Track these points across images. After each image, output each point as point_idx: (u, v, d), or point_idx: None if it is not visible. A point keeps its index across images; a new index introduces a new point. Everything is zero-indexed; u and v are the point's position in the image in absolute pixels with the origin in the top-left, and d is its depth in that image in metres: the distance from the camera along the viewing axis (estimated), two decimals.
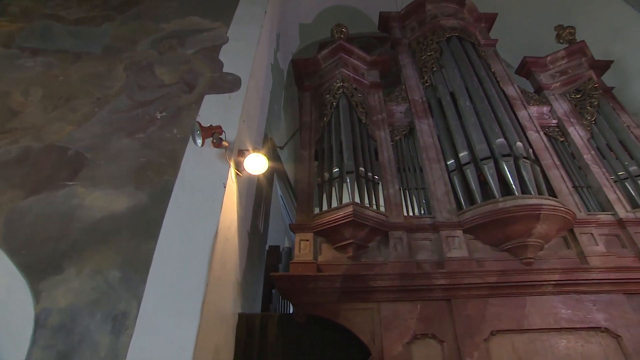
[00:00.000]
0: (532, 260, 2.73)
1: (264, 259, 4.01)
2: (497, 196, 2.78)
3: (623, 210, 3.15)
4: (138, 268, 2.25)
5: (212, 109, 3.06)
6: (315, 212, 2.93)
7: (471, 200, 2.94)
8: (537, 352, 2.50)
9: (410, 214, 2.97)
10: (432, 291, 2.57)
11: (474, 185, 2.93)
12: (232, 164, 2.77)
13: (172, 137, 2.89)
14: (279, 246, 4.26)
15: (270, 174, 4.52)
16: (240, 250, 2.91)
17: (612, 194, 3.25)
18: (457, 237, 2.79)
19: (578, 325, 2.59)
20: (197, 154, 2.73)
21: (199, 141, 2.57)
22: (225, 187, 2.61)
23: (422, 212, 3.03)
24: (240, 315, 2.72)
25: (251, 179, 3.28)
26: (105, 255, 2.30)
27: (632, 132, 3.69)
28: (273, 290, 3.86)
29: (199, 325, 2.04)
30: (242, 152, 2.88)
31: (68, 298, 2.12)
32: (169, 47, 3.58)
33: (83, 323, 2.04)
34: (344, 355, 2.59)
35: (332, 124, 3.37)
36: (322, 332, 2.66)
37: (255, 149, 2.85)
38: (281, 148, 4.61)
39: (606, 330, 2.58)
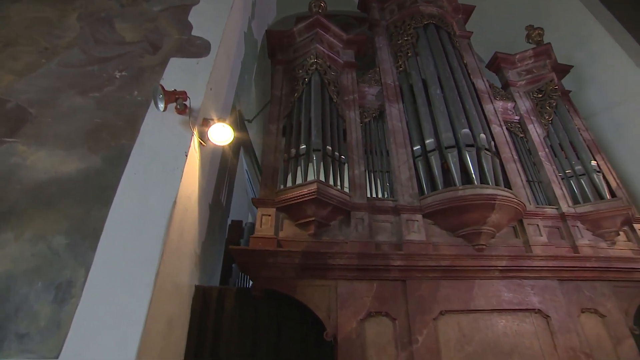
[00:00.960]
0: (483, 246, 2.89)
1: (225, 233, 3.95)
2: (458, 184, 2.89)
3: (565, 205, 3.41)
4: (87, 235, 2.11)
5: (177, 74, 2.88)
6: (280, 188, 2.89)
7: (433, 186, 3.04)
8: (479, 330, 2.70)
9: (374, 195, 3.02)
10: (388, 271, 2.66)
11: (437, 172, 3.02)
12: (195, 133, 2.65)
13: (131, 100, 2.69)
14: (241, 221, 4.20)
15: (236, 147, 4.40)
16: (200, 221, 2.83)
17: (559, 190, 3.50)
18: (417, 221, 2.88)
19: (516, 307, 2.81)
20: (158, 119, 2.58)
21: (161, 106, 2.43)
22: (187, 156, 2.49)
23: (385, 194, 3.09)
24: (197, 288, 2.67)
25: (215, 149, 3.17)
26: (49, 220, 2.13)
27: (581, 134, 3.95)
28: (233, 265, 3.83)
29: (151, 295, 1.98)
30: (207, 121, 2.75)
31: (4, 264, 1.96)
32: (133, 1, 3.29)
33: (21, 291, 1.90)
34: (299, 329, 2.64)
35: (302, 100, 3.30)
36: (279, 306, 2.68)
37: (221, 119, 2.73)
38: (249, 121, 4.47)
39: (539, 311, 2.83)
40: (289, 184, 2.89)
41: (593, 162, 3.67)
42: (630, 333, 2.90)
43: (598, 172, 3.62)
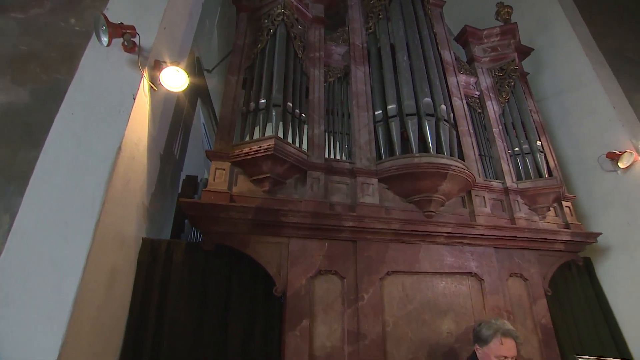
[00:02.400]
0: (433, 213, 3.03)
1: (178, 187, 3.78)
2: (415, 151, 2.95)
3: (510, 180, 3.64)
4: (12, 178, 1.92)
5: (125, 5, 2.56)
6: (236, 142, 2.78)
7: (391, 152, 3.08)
8: (421, 290, 2.89)
9: (332, 157, 3.00)
10: (340, 232, 2.72)
11: (396, 138, 3.05)
12: (145, 75, 2.42)
13: (67, 28, 2.37)
14: (196, 177, 4.03)
15: (193, 98, 4.14)
16: (149, 172, 2.67)
17: (506, 166, 3.72)
18: (372, 184, 2.93)
19: (456, 271, 3.03)
20: (102, 55, 2.31)
21: (105, 39, 2.16)
22: (134, 99, 2.29)
23: (343, 156, 3.09)
24: (145, 240, 2.57)
25: (168, 97, 2.94)
26: None
27: (532, 116, 4.16)
28: (185, 221, 3.72)
29: (90, 245, 1.86)
30: (159, 64, 2.52)
31: None
32: None
33: None
34: (249, 285, 2.65)
35: (266, 52, 3.11)
36: (229, 261, 2.66)
37: (176, 63, 2.51)
38: (209, 71, 4.18)
39: (475, 275, 3.07)
40: (246, 138, 2.78)
41: (538, 143, 3.91)
42: (545, 294, 3.30)
43: (541, 152, 3.87)
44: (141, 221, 2.59)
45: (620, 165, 3.86)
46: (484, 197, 3.38)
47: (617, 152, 3.89)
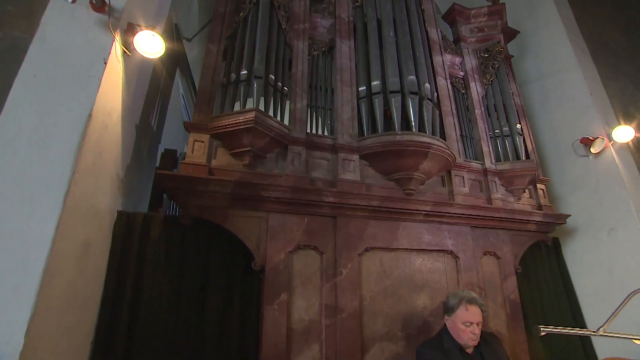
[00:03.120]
0: (412, 191, 3.06)
1: (155, 160, 3.67)
2: (397, 129, 2.94)
3: (489, 162, 3.71)
4: None
5: None
6: (215, 114, 2.69)
7: (373, 129, 3.06)
8: (398, 267, 2.95)
9: (313, 132, 2.95)
10: (320, 207, 2.71)
11: (379, 115, 3.02)
12: (117, 38, 2.27)
13: None
14: (175, 150, 3.91)
15: (171, 68, 3.96)
16: (124, 143, 2.56)
17: (486, 147, 3.77)
18: (354, 161, 2.92)
19: (433, 248, 3.10)
20: (66, 13, 2.14)
21: None
22: (106, 64, 2.15)
23: (325, 132, 3.05)
24: (120, 213, 2.49)
25: (144, 64, 2.79)
26: None
27: (514, 99, 4.20)
28: (164, 195, 3.63)
29: (59, 216, 1.79)
30: (132, 27, 2.36)
31: None
32: None
33: None
34: (227, 259, 2.63)
35: (248, 21, 2.97)
36: (208, 235, 2.63)
37: (151, 27, 2.37)
38: (189, 40, 3.99)
39: (451, 252, 3.16)
40: (226, 110, 2.69)
41: (518, 126, 3.97)
42: (515, 271, 3.46)
43: (520, 135, 3.94)
44: (116, 193, 2.51)
45: (592, 150, 3.99)
46: (463, 177, 3.44)
47: (591, 138, 4.01)
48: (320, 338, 2.54)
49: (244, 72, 2.70)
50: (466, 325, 2.23)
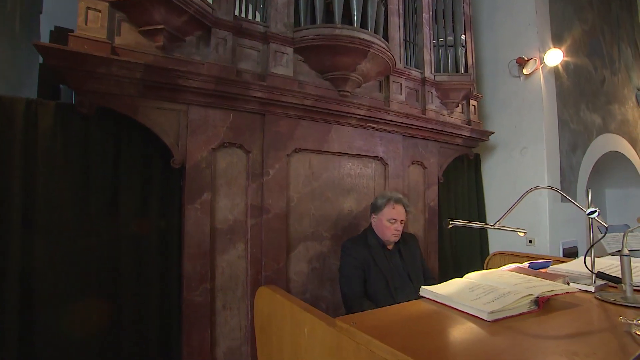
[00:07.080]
0: (348, 93, 2.92)
1: (37, 33, 2.95)
2: (338, 22, 2.64)
3: (428, 71, 3.64)
4: None
5: None
6: None
7: (312, 20, 2.72)
8: (327, 170, 2.95)
9: (242, 15, 2.54)
10: (248, 102, 2.48)
11: (318, 4, 2.66)
12: None
13: None
14: (72, 30, 3.18)
15: None
16: None
17: (428, 56, 3.66)
18: (287, 54, 2.62)
19: (363, 154, 3.12)
20: None
21: None
22: None
23: (257, 17, 2.64)
24: None
25: None
26: None
27: (464, 7, 4.00)
28: (61, 86, 3.04)
29: None
30: None
31: None
32: None
33: None
34: (142, 156, 2.37)
35: None
36: (116, 128, 2.28)
37: None
38: None
39: (380, 159, 3.22)
40: None
41: (463, 36, 3.86)
42: (437, 181, 3.71)
43: (463, 47, 3.86)
44: None
45: (524, 72, 4.11)
46: (401, 84, 3.35)
47: (525, 59, 4.09)
48: (245, 237, 2.55)
49: None
50: (391, 222, 2.39)
